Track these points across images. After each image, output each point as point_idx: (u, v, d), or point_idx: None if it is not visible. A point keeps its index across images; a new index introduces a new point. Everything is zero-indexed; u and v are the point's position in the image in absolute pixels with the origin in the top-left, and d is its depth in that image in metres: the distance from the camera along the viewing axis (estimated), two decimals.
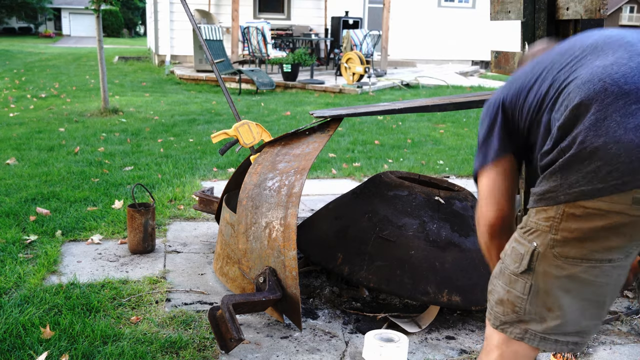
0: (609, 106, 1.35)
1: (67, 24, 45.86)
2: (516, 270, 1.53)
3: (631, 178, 1.32)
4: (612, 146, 1.33)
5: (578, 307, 1.50)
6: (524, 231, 1.52)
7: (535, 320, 1.52)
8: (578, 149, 1.37)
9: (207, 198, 3.67)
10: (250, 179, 2.69)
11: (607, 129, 1.34)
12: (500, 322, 1.58)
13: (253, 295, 2.36)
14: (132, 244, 3.31)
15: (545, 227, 1.46)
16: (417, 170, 5.35)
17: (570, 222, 1.41)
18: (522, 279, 1.52)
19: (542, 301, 1.50)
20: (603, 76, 1.39)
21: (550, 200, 1.44)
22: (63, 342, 2.34)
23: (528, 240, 1.50)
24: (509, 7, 3.25)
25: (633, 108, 1.34)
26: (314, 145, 2.78)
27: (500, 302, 1.57)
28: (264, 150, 2.94)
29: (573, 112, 1.40)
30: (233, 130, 2.96)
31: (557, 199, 1.42)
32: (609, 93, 1.36)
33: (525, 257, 1.50)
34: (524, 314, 1.53)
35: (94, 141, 6.20)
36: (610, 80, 1.37)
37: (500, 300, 1.58)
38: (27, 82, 11.75)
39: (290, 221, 2.40)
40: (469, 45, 16.91)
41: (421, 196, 2.80)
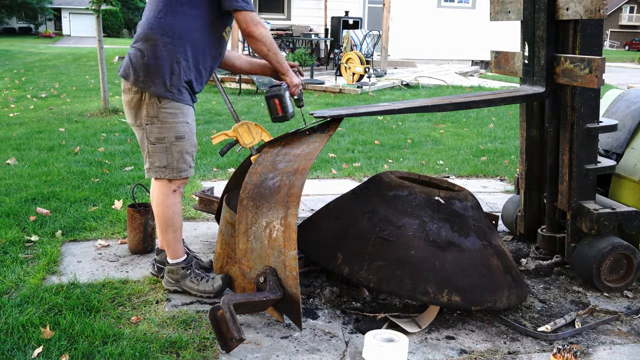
0: None
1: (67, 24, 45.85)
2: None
3: None
4: None
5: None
6: None
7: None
8: None
9: (207, 198, 3.67)
10: (250, 178, 2.69)
11: None
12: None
13: (253, 295, 2.36)
14: (132, 244, 3.31)
15: None
16: (417, 170, 5.35)
17: None
18: None
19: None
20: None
21: None
22: (63, 342, 2.34)
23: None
24: (509, 7, 3.25)
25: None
26: (314, 145, 2.78)
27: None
28: (264, 150, 2.94)
29: None
30: (232, 131, 2.98)
31: None
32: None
33: None
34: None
35: (94, 141, 6.20)
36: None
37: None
38: (27, 82, 11.75)
39: (291, 221, 2.40)
40: (469, 45, 16.91)
41: (421, 196, 2.80)
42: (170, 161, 2.68)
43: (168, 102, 2.63)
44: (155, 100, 2.61)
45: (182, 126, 2.68)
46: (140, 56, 2.60)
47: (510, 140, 6.95)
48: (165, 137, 2.66)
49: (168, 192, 2.73)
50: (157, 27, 2.60)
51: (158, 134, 2.65)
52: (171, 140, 2.66)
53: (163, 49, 2.58)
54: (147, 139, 2.68)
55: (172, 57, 2.60)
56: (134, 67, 2.61)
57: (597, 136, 3.01)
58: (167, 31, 2.59)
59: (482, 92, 4.55)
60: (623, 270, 3.05)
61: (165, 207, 2.73)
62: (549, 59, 2.95)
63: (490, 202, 4.51)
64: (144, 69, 2.59)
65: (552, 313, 2.82)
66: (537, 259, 3.39)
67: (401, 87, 11.77)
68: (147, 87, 2.60)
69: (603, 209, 2.98)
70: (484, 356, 2.41)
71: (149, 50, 2.59)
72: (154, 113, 2.63)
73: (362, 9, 15.88)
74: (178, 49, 2.60)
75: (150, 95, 2.61)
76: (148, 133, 2.66)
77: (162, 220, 2.76)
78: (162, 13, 2.61)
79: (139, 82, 2.60)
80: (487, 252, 2.74)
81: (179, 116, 2.67)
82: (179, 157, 2.69)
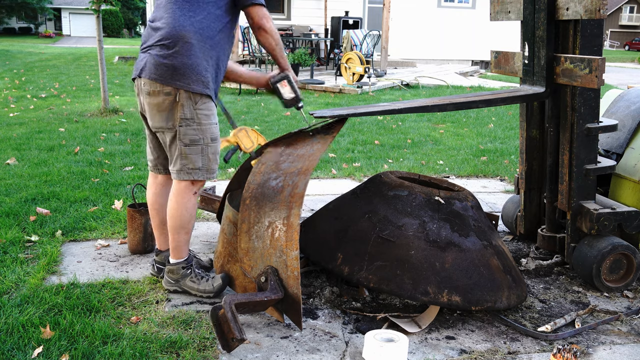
0: None
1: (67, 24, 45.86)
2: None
3: None
4: None
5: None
6: None
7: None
8: None
9: (209, 196, 3.68)
10: (253, 178, 2.69)
11: None
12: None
13: (255, 295, 2.36)
14: (132, 244, 3.31)
15: None
16: (417, 170, 5.35)
17: None
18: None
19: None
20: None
21: None
22: (63, 342, 2.34)
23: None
24: (509, 7, 3.25)
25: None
26: (317, 146, 2.78)
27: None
28: (267, 149, 2.94)
29: None
30: (232, 137, 3.04)
31: None
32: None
33: None
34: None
35: (94, 141, 6.20)
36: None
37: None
38: (27, 82, 11.75)
39: (293, 221, 2.40)
40: (469, 45, 16.92)
41: (421, 196, 2.80)
42: (205, 162, 2.68)
43: (204, 102, 2.61)
44: (191, 102, 2.58)
45: (215, 128, 2.69)
46: (174, 54, 2.55)
47: (510, 140, 6.95)
48: (201, 138, 2.64)
49: (189, 194, 2.71)
50: (189, 25, 2.56)
51: (194, 135, 2.63)
52: (207, 142, 2.66)
53: (197, 47, 2.56)
54: (180, 141, 2.63)
55: (205, 55, 2.59)
56: (166, 66, 2.54)
57: (597, 136, 3.01)
58: (198, 29, 2.57)
59: (482, 92, 4.55)
60: (623, 270, 3.05)
61: (184, 210, 2.72)
62: (549, 59, 2.95)
63: (490, 202, 4.52)
64: (180, 67, 2.55)
65: (552, 313, 2.82)
66: (537, 259, 3.39)
67: (401, 87, 11.77)
68: (186, 85, 2.55)
69: (603, 209, 2.98)
70: (484, 356, 2.41)
71: (183, 47, 2.54)
72: (190, 115, 2.60)
73: (362, 9, 15.88)
74: (207, 47, 2.60)
75: (186, 96, 2.57)
76: (182, 135, 2.62)
77: (178, 222, 2.74)
78: (191, 12, 2.58)
79: (176, 81, 2.55)
80: (487, 252, 2.74)
81: (212, 118, 2.66)
82: (213, 159, 2.70)
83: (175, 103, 2.58)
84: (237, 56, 12.69)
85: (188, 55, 2.55)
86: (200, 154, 2.65)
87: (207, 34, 2.59)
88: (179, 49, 2.54)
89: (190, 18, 2.57)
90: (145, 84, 2.61)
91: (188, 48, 2.55)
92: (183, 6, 2.59)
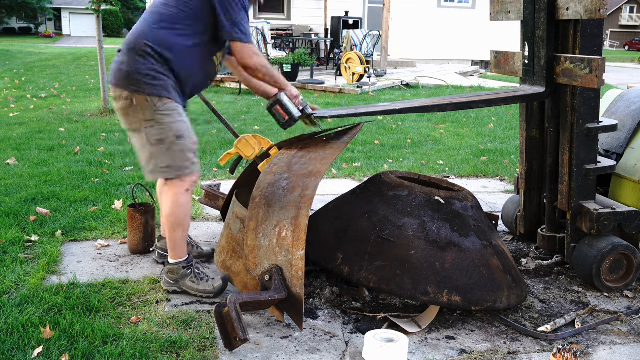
0: None
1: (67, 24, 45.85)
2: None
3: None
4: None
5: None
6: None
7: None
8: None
9: (213, 192, 3.70)
10: (265, 177, 2.70)
11: None
12: None
13: (259, 295, 2.36)
14: (132, 244, 3.31)
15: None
16: (417, 170, 5.35)
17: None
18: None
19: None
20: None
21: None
22: (63, 342, 2.34)
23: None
24: (509, 7, 3.25)
25: None
26: (330, 150, 2.78)
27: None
28: (281, 151, 2.94)
29: None
30: (234, 148, 3.10)
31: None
32: None
33: None
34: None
35: (94, 141, 6.20)
36: None
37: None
38: (27, 82, 11.75)
39: (302, 221, 2.40)
40: (469, 45, 16.92)
41: (421, 196, 2.80)
42: (173, 160, 2.70)
43: (164, 104, 2.65)
44: (148, 104, 2.63)
45: (179, 124, 2.70)
46: (128, 61, 2.62)
47: (510, 140, 6.95)
48: (165, 137, 2.67)
49: (181, 191, 2.74)
50: (150, 35, 2.63)
51: (158, 135, 2.66)
52: (172, 140, 2.68)
53: (152, 56, 2.61)
54: (148, 142, 2.68)
55: (161, 63, 2.63)
56: (122, 71, 2.63)
57: (597, 136, 3.01)
58: (158, 41, 2.62)
59: (482, 92, 4.55)
60: (623, 270, 3.05)
61: (177, 207, 2.75)
62: (549, 59, 2.95)
63: (490, 202, 4.52)
64: (133, 73, 2.61)
65: (552, 313, 2.82)
66: (537, 259, 3.39)
67: (401, 87, 11.77)
68: (140, 90, 2.61)
69: (603, 209, 2.98)
70: (484, 356, 2.41)
71: (137, 54, 2.61)
72: (150, 116, 2.64)
73: (362, 9, 15.88)
74: (165, 59, 2.63)
75: (142, 99, 2.62)
76: (148, 136, 2.67)
77: (173, 220, 2.77)
78: (156, 25, 2.65)
79: (130, 86, 2.62)
80: (487, 252, 2.74)
81: (174, 116, 2.68)
82: (182, 156, 2.71)
83: (134, 107, 2.64)
84: None
85: (142, 62, 2.61)
86: (167, 152, 2.68)
87: (167, 47, 2.63)
88: (134, 56, 2.61)
89: (153, 30, 2.64)
90: (111, 89, 2.70)
91: (142, 55, 2.61)
92: (151, 19, 2.67)
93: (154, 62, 2.61)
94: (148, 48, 2.60)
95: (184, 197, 2.74)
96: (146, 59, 2.60)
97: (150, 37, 2.62)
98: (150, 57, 2.60)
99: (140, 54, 2.60)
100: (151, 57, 2.60)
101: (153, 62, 2.61)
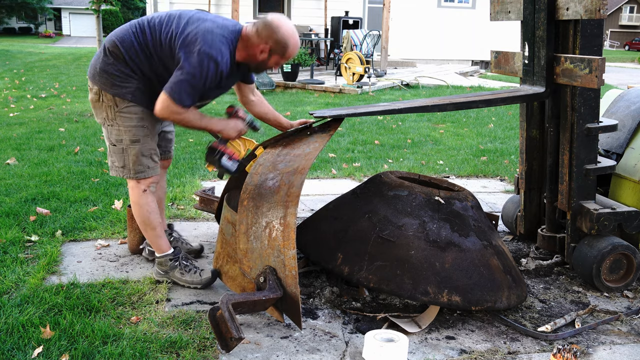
0: None
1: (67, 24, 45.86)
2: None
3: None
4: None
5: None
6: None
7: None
8: None
9: (207, 197, 3.68)
10: (251, 179, 2.70)
11: None
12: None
13: (253, 295, 2.36)
14: (132, 244, 3.31)
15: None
16: (417, 170, 5.35)
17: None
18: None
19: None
20: None
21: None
22: (63, 342, 2.34)
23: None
24: (509, 7, 3.25)
25: None
26: (314, 145, 2.78)
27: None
28: (266, 151, 2.95)
29: None
30: None
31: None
32: None
33: None
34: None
35: (94, 141, 6.20)
36: None
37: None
38: (27, 82, 11.76)
39: (290, 220, 2.40)
40: (469, 45, 16.91)
41: (421, 196, 2.80)
42: (127, 162, 2.78)
43: (126, 106, 2.70)
44: (113, 104, 2.70)
45: (137, 130, 2.75)
46: (104, 59, 2.68)
47: (510, 140, 6.95)
48: (122, 139, 2.75)
49: (139, 192, 2.83)
50: (131, 42, 2.65)
51: (116, 136, 2.75)
52: (127, 144, 2.76)
53: (127, 61, 2.65)
54: (108, 139, 2.78)
55: (135, 69, 2.67)
56: (95, 68, 2.70)
57: (597, 136, 3.01)
58: (137, 49, 2.65)
59: (482, 92, 4.55)
60: (623, 270, 3.05)
61: (139, 207, 2.85)
62: (549, 59, 2.95)
63: (490, 202, 4.52)
64: (105, 71, 2.67)
65: (552, 313, 2.82)
66: (537, 259, 3.39)
67: (401, 87, 11.77)
68: (108, 89, 2.68)
69: (603, 209, 2.98)
70: (484, 356, 2.41)
71: (112, 56, 2.66)
72: (112, 116, 2.72)
73: (362, 9, 15.87)
74: (142, 66, 2.67)
75: (109, 97, 2.69)
76: (108, 134, 2.77)
77: (139, 220, 2.89)
78: (144, 36, 2.67)
79: (100, 83, 2.68)
80: (487, 252, 2.74)
81: (134, 121, 2.73)
82: (135, 160, 2.78)
83: (101, 102, 2.72)
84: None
85: (115, 63, 2.66)
86: (122, 153, 2.77)
87: (145, 56, 2.66)
88: (109, 56, 2.67)
89: (137, 39, 2.67)
90: (88, 81, 2.78)
91: (116, 57, 2.65)
92: (144, 30, 2.69)
93: (123, 64, 2.66)
94: (125, 55, 2.65)
95: (143, 197, 2.83)
96: (117, 59, 2.66)
97: (130, 42, 2.66)
98: (120, 59, 2.65)
99: (111, 54, 2.66)
100: (121, 59, 2.65)
101: (122, 64, 2.66)
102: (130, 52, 2.65)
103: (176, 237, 3.31)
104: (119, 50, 2.65)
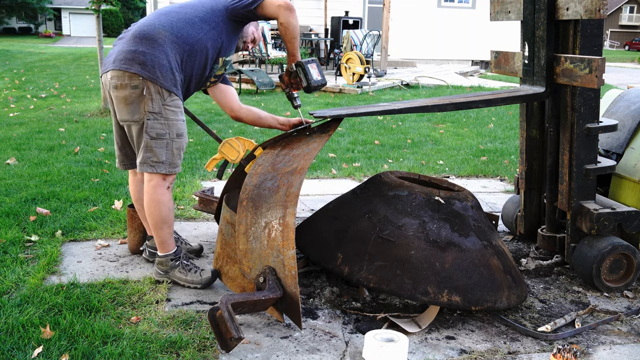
0: None
1: (67, 24, 45.86)
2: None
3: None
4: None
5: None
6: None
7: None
8: None
9: (207, 198, 3.68)
10: (250, 179, 2.70)
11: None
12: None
13: (252, 295, 2.36)
14: (132, 244, 3.31)
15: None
16: (417, 170, 5.35)
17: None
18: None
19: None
20: None
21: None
22: (63, 342, 2.34)
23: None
24: (509, 7, 3.25)
25: None
26: (313, 145, 2.79)
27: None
28: (265, 151, 2.95)
29: None
30: (218, 153, 3.16)
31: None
32: None
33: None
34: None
35: (94, 141, 6.20)
36: None
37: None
38: (27, 82, 11.76)
39: (289, 220, 2.40)
40: (469, 45, 16.92)
41: (421, 196, 2.80)
42: (169, 157, 2.75)
43: (172, 99, 2.69)
44: (159, 97, 2.66)
45: (182, 124, 2.76)
46: (146, 49, 2.64)
47: (510, 140, 6.95)
48: (167, 133, 2.71)
49: (163, 189, 2.79)
50: (168, 26, 2.69)
51: (160, 129, 2.70)
52: (172, 137, 2.73)
53: (169, 47, 2.66)
54: (147, 134, 2.70)
55: (176, 57, 2.69)
56: (139, 59, 2.63)
57: (597, 136, 3.01)
58: (175, 32, 2.68)
59: (482, 92, 4.55)
60: (623, 270, 3.05)
61: (161, 205, 2.80)
62: (549, 59, 2.95)
63: (490, 202, 4.52)
64: (150, 61, 2.63)
65: (552, 313, 2.82)
66: (537, 259, 3.39)
67: (401, 87, 11.77)
68: (155, 79, 2.63)
69: (603, 209, 2.98)
70: (484, 356, 2.41)
71: (156, 44, 2.65)
72: (158, 109, 2.67)
73: (362, 9, 15.88)
74: (180, 52, 2.69)
75: (155, 90, 2.64)
76: (148, 128, 2.69)
77: (158, 218, 2.82)
78: (175, 18, 2.71)
79: (145, 72, 2.62)
80: (487, 252, 2.74)
81: (179, 114, 2.74)
82: (177, 154, 2.77)
83: (142, 96, 2.65)
84: (237, 56, 12.68)
85: (161, 52, 2.64)
86: (165, 148, 2.73)
87: (184, 39, 2.70)
88: (153, 45, 2.64)
89: (171, 22, 2.70)
90: (113, 77, 2.67)
91: (162, 45, 2.64)
92: (170, 15, 2.72)
93: (170, 52, 2.65)
94: (166, 37, 2.65)
95: (167, 194, 2.81)
96: (165, 47, 2.64)
97: (168, 26, 2.68)
98: (169, 47, 2.65)
99: (160, 41, 2.65)
100: (169, 46, 2.65)
101: (170, 53, 2.65)
102: (177, 36, 2.68)
103: (175, 238, 3.31)
104: (166, 37, 2.66)
